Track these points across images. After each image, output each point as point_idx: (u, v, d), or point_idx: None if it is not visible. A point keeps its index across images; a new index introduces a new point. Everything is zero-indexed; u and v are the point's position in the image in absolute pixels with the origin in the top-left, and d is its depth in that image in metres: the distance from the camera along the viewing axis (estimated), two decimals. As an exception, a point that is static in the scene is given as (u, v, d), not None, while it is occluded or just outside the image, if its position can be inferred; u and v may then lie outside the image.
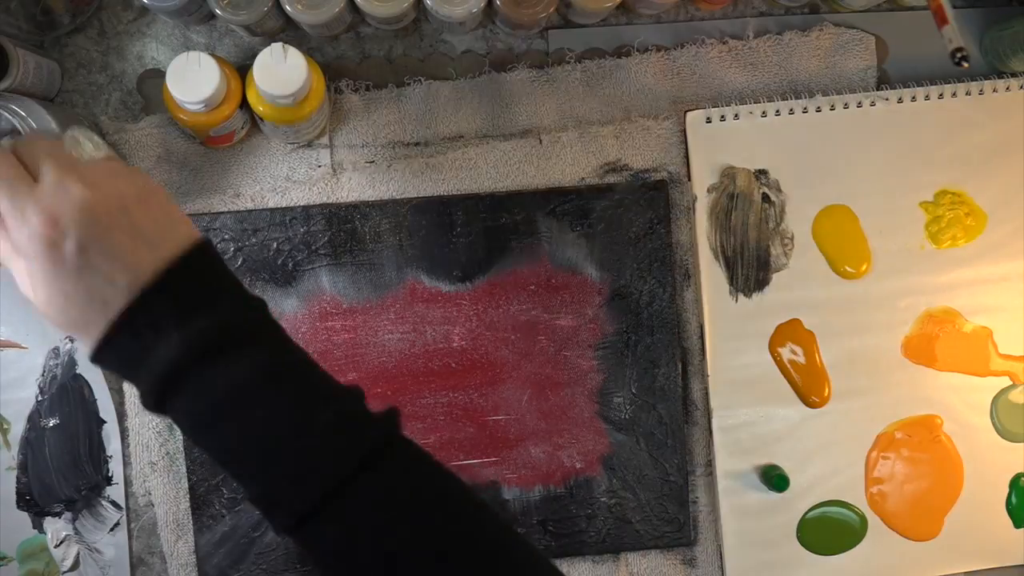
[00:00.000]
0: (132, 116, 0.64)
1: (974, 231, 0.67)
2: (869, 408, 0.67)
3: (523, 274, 0.65)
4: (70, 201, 0.36)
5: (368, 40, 0.66)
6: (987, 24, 0.69)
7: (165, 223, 0.38)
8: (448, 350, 0.65)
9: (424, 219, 0.64)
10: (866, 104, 0.66)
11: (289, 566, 0.64)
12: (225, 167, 0.64)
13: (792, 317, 0.67)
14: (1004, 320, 0.68)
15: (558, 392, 0.65)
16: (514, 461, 0.65)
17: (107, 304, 0.36)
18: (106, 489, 0.64)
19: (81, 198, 0.36)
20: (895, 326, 0.67)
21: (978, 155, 0.67)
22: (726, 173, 0.66)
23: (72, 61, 0.64)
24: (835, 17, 0.68)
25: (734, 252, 0.66)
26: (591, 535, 0.66)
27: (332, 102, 0.64)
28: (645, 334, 0.66)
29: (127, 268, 0.36)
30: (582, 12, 0.64)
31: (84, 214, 0.36)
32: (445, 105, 0.65)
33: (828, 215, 0.67)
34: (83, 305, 0.36)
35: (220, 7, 0.58)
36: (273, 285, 0.63)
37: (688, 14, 0.68)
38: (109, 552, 0.65)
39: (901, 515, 0.67)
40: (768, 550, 0.67)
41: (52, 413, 0.64)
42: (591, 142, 0.66)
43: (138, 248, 0.36)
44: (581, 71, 0.66)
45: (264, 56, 0.56)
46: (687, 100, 0.67)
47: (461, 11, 0.59)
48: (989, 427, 0.68)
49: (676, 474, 0.66)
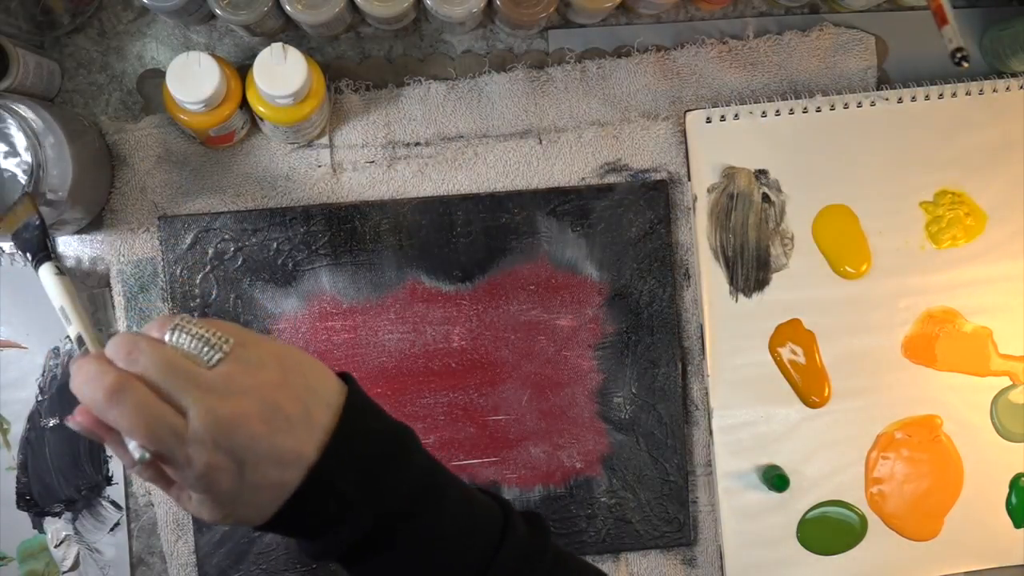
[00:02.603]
0: (132, 116, 0.64)
1: (974, 231, 0.67)
2: (869, 408, 0.67)
3: (523, 274, 0.65)
4: (224, 429, 0.35)
5: (368, 40, 0.66)
6: (987, 24, 0.69)
7: (311, 396, 0.38)
8: (448, 350, 0.65)
9: (424, 219, 0.64)
10: (866, 104, 0.66)
11: (289, 566, 0.64)
12: (225, 167, 0.64)
13: (792, 317, 0.67)
14: (1004, 320, 0.68)
15: (558, 392, 0.65)
16: (514, 461, 0.65)
17: (278, 495, 0.37)
18: (106, 489, 0.64)
19: (232, 420, 0.35)
20: (895, 326, 0.67)
21: (978, 155, 0.67)
22: (726, 173, 0.66)
23: (72, 61, 0.64)
24: (835, 17, 0.68)
25: (734, 252, 0.66)
26: (591, 535, 0.66)
27: (332, 102, 0.64)
28: (645, 334, 0.66)
29: (295, 461, 0.36)
30: (582, 12, 0.64)
31: (241, 435, 0.36)
32: (445, 105, 0.65)
33: (828, 215, 0.67)
34: (255, 506, 0.37)
35: (220, 7, 0.57)
36: (273, 285, 0.63)
37: (688, 14, 0.68)
38: (109, 552, 0.65)
39: (901, 515, 0.67)
40: (768, 550, 0.67)
41: (52, 413, 0.64)
42: (591, 142, 0.66)
43: (298, 436, 0.36)
44: (581, 71, 0.66)
45: (264, 56, 0.56)
46: (687, 100, 0.67)
47: (461, 11, 0.59)
48: (989, 427, 0.68)
49: (676, 474, 0.66)
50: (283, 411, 0.36)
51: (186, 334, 0.37)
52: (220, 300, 0.63)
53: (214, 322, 0.38)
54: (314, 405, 0.37)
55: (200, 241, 0.63)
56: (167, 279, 0.63)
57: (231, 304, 0.63)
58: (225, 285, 0.63)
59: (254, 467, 0.36)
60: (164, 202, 0.64)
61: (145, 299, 0.64)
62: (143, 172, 0.63)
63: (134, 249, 0.64)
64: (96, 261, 0.65)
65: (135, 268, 0.64)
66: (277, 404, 0.36)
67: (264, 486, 0.36)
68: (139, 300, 0.64)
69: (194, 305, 0.63)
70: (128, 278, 0.64)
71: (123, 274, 0.64)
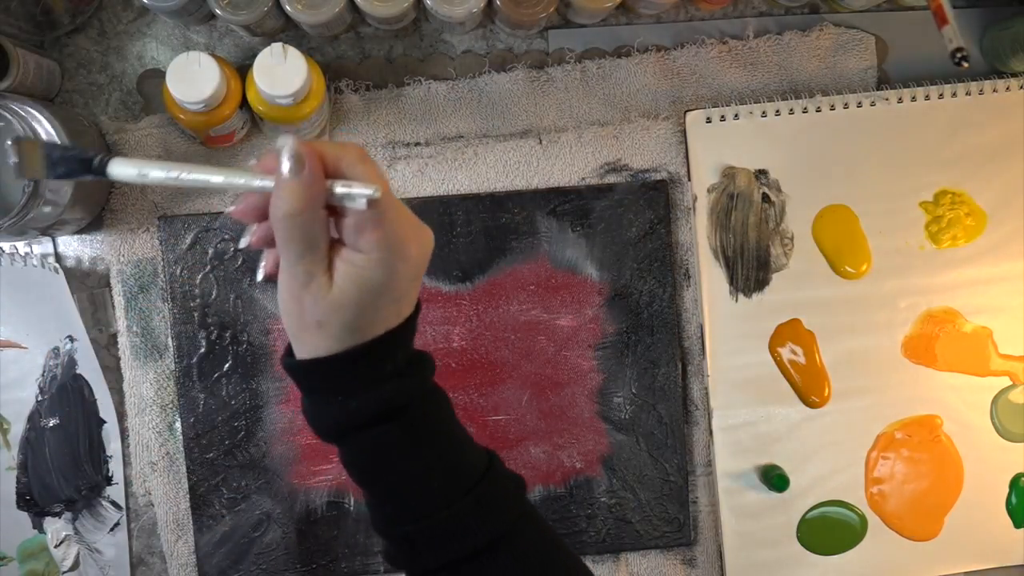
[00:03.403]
0: (132, 116, 0.64)
1: (974, 231, 0.67)
2: (869, 408, 0.67)
3: (523, 274, 0.65)
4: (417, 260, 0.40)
5: (368, 40, 0.66)
6: (987, 24, 0.69)
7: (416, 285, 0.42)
8: (448, 350, 0.65)
9: (424, 219, 0.64)
10: (866, 104, 0.66)
11: (289, 566, 0.64)
12: (225, 167, 0.64)
13: (792, 317, 0.67)
14: (1004, 320, 0.68)
15: (558, 392, 0.65)
16: (514, 461, 0.65)
17: (391, 321, 0.40)
18: (106, 489, 0.64)
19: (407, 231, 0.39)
20: (895, 326, 0.67)
21: (978, 155, 0.67)
22: (726, 173, 0.66)
23: (72, 61, 0.64)
24: (835, 17, 0.68)
25: (734, 252, 0.66)
26: (591, 535, 0.66)
27: (332, 102, 0.64)
28: (645, 334, 0.66)
29: (407, 309, 0.41)
30: (582, 12, 0.64)
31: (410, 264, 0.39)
32: (445, 105, 0.65)
33: (828, 215, 0.67)
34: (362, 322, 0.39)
35: (220, 7, 0.57)
36: (273, 285, 0.63)
37: (688, 14, 0.68)
38: (109, 552, 0.65)
39: (901, 515, 0.67)
40: (768, 550, 0.67)
41: (52, 413, 0.64)
42: (591, 142, 0.66)
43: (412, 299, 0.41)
44: (581, 71, 0.66)
45: (264, 56, 0.56)
46: (687, 100, 0.67)
47: (461, 11, 0.59)
48: (989, 427, 0.68)
49: (676, 474, 0.66)
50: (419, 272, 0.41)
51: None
52: (220, 300, 0.63)
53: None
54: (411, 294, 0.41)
55: (200, 241, 0.63)
56: (167, 279, 0.63)
57: (231, 304, 0.63)
58: (225, 285, 0.63)
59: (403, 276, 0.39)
60: (164, 202, 0.64)
61: (145, 299, 0.64)
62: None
63: (134, 249, 0.64)
64: (96, 261, 0.65)
65: (135, 268, 0.64)
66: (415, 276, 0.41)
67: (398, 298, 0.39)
68: (139, 300, 0.64)
69: (194, 305, 0.63)
70: (128, 278, 0.64)
71: (123, 274, 0.64)
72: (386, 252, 0.38)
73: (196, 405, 0.63)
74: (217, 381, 0.63)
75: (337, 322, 0.38)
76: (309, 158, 0.37)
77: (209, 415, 0.63)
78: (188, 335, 0.63)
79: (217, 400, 0.63)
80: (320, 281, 0.38)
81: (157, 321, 0.64)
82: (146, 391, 0.64)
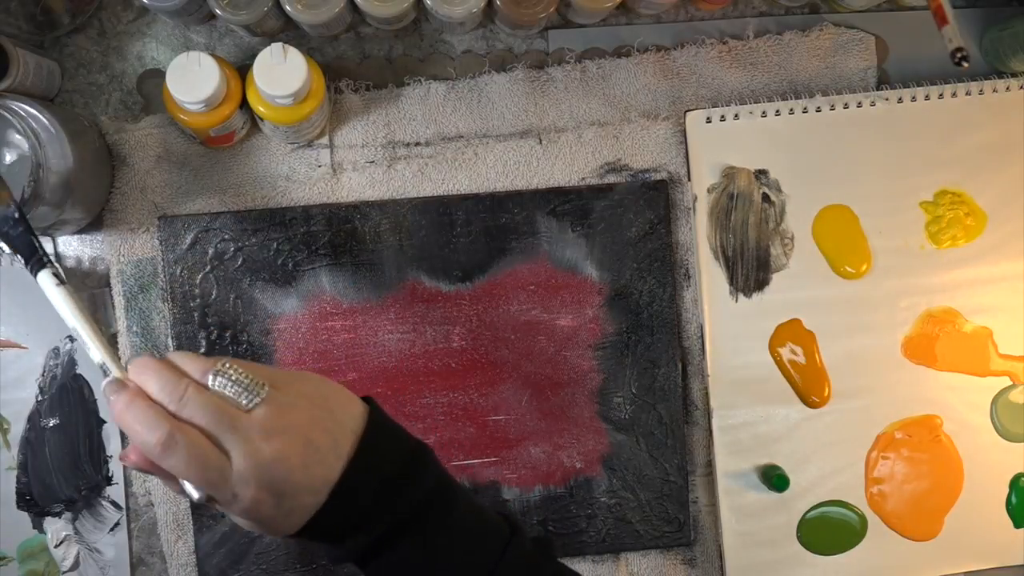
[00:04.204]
0: (132, 116, 0.64)
1: (974, 231, 0.67)
2: (869, 408, 0.67)
3: (523, 274, 0.65)
4: (265, 469, 0.39)
5: (368, 40, 0.66)
6: (987, 24, 0.69)
7: (337, 427, 0.41)
8: (448, 350, 0.65)
9: (424, 219, 0.64)
10: (866, 104, 0.66)
11: (289, 566, 0.64)
12: (225, 167, 0.64)
13: (792, 317, 0.67)
14: (1004, 320, 0.68)
15: (558, 392, 0.65)
16: (514, 461, 0.65)
17: (307, 514, 0.41)
18: (106, 489, 0.64)
19: (272, 460, 0.39)
20: (895, 326, 0.67)
21: (978, 155, 0.67)
22: (726, 173, 0.66)
23: (72, 61, 0.64)
24: (835, 17, 0.68)
25: (734, 252, 0.66)
26: (591, 535, 0.66)
27: (332, 102, 0.64)
28: (645, 334, 0.66)
29: (324, 487, 0.40)
30: (582, 12, 0.64)
31: (280, 472, 0.39)
32: (445, 105, 0.65)
33: (828, 215, 0.67)
34: (287, 524, 0.41)
35: (220, 7, 0.58)
36: (273, 285, 0.63)
37: (688, 14, 0.68)
38: (109, 552, 0.65)
39: (901, 515, 0.67)
40: (768, 550, 0.67)
41: (52, 413, 0.64)
42: (591, 142, 0.66)
43: (328, 464, 0.40)
44: (581, 71, 0.66)
45: (264, 56, 0.56)
46: (687, 100, 0.67)
47: (461, 11, 0.59)
48: (989, 427, 0.68)
49: (676, 474, 0.66)
50: (314, 445, 0.40)
51: (225, 378, 0.40)
52: (220, 300, 0.63)
53: (249, 365, 0.41)
54: (340, 435, 0.41)
55: (200, 241, 0.63)
56: (167, 279, 0.63)
57: (231, 304, 0.63)
58: (225, 285, 0.63)
59: (291, 497, 0.40)
60: (164, 202, 0.64)
61: (145, 299, 0.64)
62: (143, 172, 0.63)
63: (134, 249, 0.64)
64: (96, 261, 0.65)
65: (135, 268, 0.64)
66: (309, 440, 0.40)
67: (297, 509, 0.40)
68: (139, 300, 0.64)
69: (194, 305, 0.63)
70: (128, 278, 0.64)
71: (123, 274, 0.64)
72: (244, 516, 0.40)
73: (196, 405, 0.63)
74: (217, 381, 0.63)
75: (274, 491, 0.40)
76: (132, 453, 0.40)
77: (209, 415, 0.63)
78: (188, 335, 0.63)
79: (217, 400, 0.63)
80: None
81: (157, 321, 0.64)
82: (146, 391, 0.64)
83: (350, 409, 0.43)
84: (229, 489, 0.39)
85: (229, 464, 0.39)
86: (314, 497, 0.40)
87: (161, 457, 0.38)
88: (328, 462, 0.40)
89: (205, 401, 0.39)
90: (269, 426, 0.40)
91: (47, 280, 0.44)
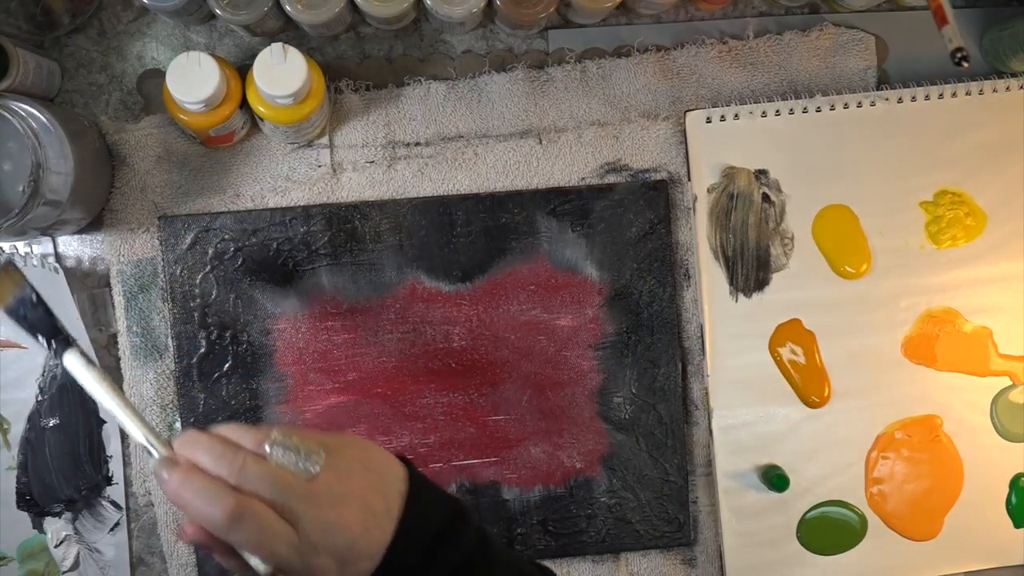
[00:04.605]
0: (132, 116, 0.64)
1: (974, 231, 0.67)
2: (869, 408, 0.67)
3: (523, 274, 0.65)
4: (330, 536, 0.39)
5: (368, 40, 0.66)
6: (987, 24, 0.69)
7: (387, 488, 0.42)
8: (448, 350, 0.65)
9: (424, 219, 0.64)
10: (866, 104, 0.66)
11: (289, 566, 0.64)
12: (225, 167, 0.64)
13: (792, 317, 0.67)
14: (1004, 320, 0.68)
15: (558, 392, 0.65)
16: (514, 461, 0.65)
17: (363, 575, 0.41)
18: (106, 489, 0.64)
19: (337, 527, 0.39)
20: (895, 326, 0.67)
21: (978, 155, 0.67)
22: (726, 173, 0.66)
23: (72, 61, 0.64)
24: (835, 17, 0.68)
25: (734, 252, 0.66)
26: (591, 535, 0.66)
27: (332, 102, 0.64)
28: (645, 334, 0.66)
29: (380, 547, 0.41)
30: (582, 12, 0.64)
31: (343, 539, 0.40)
32: (445, 105, 0.65)
33: (828, 215, 0.67)
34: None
35: (220, 7, 0.58)
36: (273, 285, 0.63)
37: (688, 14, 0.68)
38: (109, 552, 0.65)
39: (901, 515, 0.67)
40: (768, 550, 0.67)
41: (52, 413, 0.64)
42: (591, 142, 0.66)
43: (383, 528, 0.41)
44: (581, 71, 0.66)
45: (264, 56, 0.56)
46: (687, 100, 0.67)
47: (461, 11, 0.59)
48: (989, 427, 0.68)
49: (676, 474, 0.66)
50: (371, 509, 0.41)
51: (282, 447, 0.40)
52: (220, 300, 0.63)
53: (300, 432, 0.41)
54: (391, 497, 0.42)
55: (200, 241, 0.63)
56: (167, 279, 0.63)
57: (231, 304, 0.63)
58: (225, 285, 0.63)
59: (353, 563, 0.40)
60: (164, 202, 0.64)
61: (145, 299, 0.64)
62: (143, 172, 0.63)
63: (134, 249, 0.64)
64: (96, 261, 0.65)
65: (135, 268, 0.64)
66: (367, 504, 0.41)
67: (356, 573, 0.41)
68: (139, 300, 0.64)
69: (194, 305, 0.63)
70: (128, 278, 0.64)
71: (123, 274, 0.64)
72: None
73: (196, 405, 0.63)
74: (217, 381, 0.63)
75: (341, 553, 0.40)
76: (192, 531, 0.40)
77: (209, 415, 0.63)
78: (188, 335, 0.63)
79: (217, 400, 0.63)
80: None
81: (157, 321, 0.64)
82: (146, 391, 0.64)
83: (394, 470, 0.43)
84: (297, 559, 0.39)
85: (295, 534, 0.39)
86: (371, 562, 0.40)
87: (229, 531, 0.38)
88: (383, 526, 0.41)
89: (267, 472, 0.39)
90: (332, 493, 0.40)
91: (76, 363, 0.42)
